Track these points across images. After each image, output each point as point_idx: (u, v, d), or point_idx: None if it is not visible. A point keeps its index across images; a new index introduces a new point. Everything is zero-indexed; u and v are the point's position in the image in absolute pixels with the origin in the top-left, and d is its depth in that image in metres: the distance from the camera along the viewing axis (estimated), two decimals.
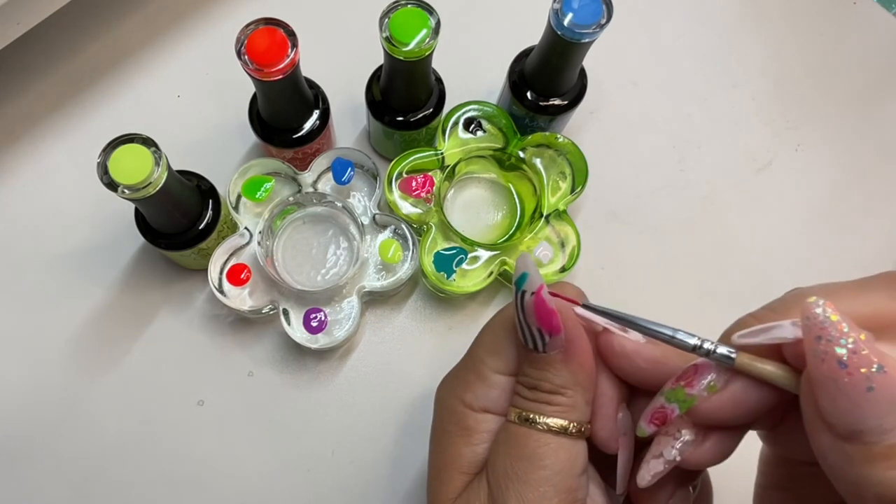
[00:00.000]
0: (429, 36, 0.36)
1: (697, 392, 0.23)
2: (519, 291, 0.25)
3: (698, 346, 0.22)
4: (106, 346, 0.44)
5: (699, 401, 0.22)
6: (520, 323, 0.25)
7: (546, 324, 0.24)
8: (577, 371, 0.25)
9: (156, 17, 0.50)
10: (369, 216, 0.43)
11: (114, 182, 0.33)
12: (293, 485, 0.42)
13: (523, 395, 0.26)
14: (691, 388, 0.23)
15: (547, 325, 0.24)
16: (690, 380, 0.23)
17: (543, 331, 0.25)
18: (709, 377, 0.23)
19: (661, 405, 0.23)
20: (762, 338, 0.21)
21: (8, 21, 0.39)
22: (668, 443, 0.23)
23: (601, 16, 0.36)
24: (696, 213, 0.49)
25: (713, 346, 0.22)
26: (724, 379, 0.22)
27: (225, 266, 0.41)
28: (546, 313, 0.24)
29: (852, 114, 0.52)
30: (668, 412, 0.23)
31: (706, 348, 0.22)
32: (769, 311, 0.22)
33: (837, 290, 0.21)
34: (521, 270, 0.25)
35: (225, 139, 0.48)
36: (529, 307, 0.24)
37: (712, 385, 0.22)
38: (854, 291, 0.21)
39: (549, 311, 0.24)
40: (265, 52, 0.35)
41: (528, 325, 0.25)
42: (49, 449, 0.42)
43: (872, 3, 0.55)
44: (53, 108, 0.48)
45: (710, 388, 0.22)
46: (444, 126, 0.44)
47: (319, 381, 0.44)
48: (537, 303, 0.24)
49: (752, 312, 0.23)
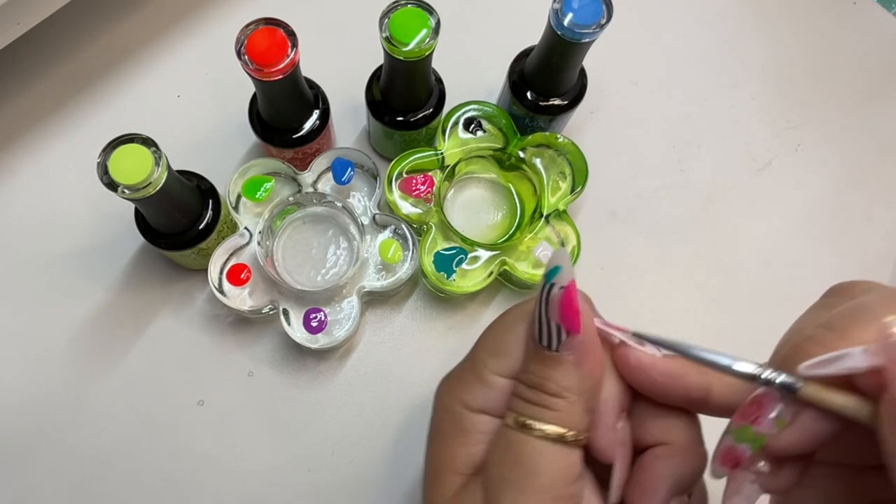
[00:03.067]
0: (429, 36, 0.36)
1: (766, 430, 0.22)
2: (547, 284, 0.24)
3: (758, 375, 0.21)
4: (106, 346, 0.44)
5: (769, 438, 0.22)
6: (539, 317, 0.25)
7: (568, 321, 0.24)
8: (586, 377, 0.25)
9: (156, 17, 0.50)
10: (369, 216, 0.43)
11: (114, 182, 0.33)
12: (293, 485, 0.42)
13: (523, 396, 0.25)
14: (759, 426, 0.22)
15: (568, 323, 0.24)
16: (756, 416, 0.22)
17: (563, 328, 0.24)
18: (775, 411, 0.21)
19: (731, 445, 0.22)
20: (832, 369, 0.20)
21: (8, 21, 0.39)
22: (745, 477, 0.23)
23: (601, 16, 0.36)
24: (696, 213, 0.49)
25: (775, 374, 0.21)
26: (792, 411, 0.21)
27: (225, 266, 0.41)
28: (572, 310, 0.24)
29: (852, 114, 0.52)
30: (740, 454, 0.22)
31: (767, 377, 0.21)
32: (829, 332, 0.21)
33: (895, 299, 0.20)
34: (556, 263, 0.24)
35: (225, 139, 0.48)
36: (555, 301, 0.24)
37: (781, 420, 0.21)
38: None
39: (574, 309, 0.24)
40: (265, 52, 0.35)
41: (548, 320, 0.24)
42: (49, 449, 0.42)
43: (872, 3, 0.55)
44: (53, 108, 0.48)
45: (779, 423, 0.21)
46: (444, 126, 0.44)
47: (319, 381, 0.44)
48: (565, 298, 0.24)
49: (812, 335, 0.21)
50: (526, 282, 0.43)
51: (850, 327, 0.20)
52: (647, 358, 0.25)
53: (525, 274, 0.42)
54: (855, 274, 0.48)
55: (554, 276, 0.24)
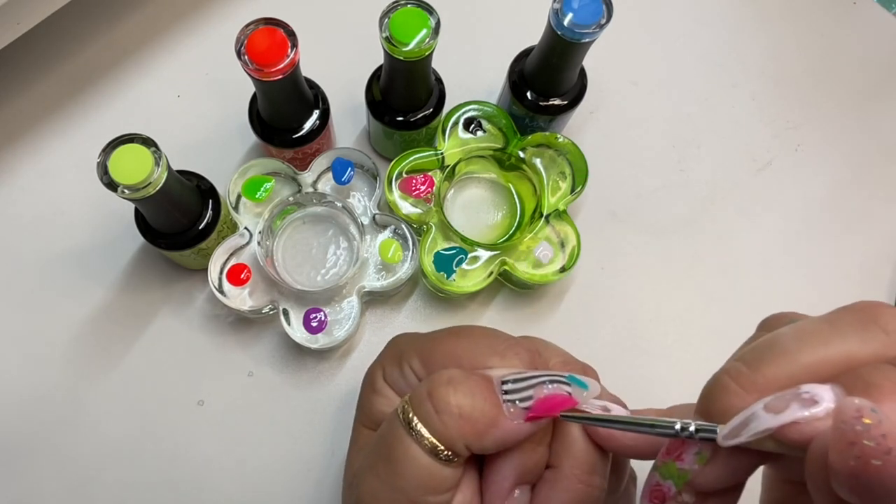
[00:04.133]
0: (429, 36, 0.36)
1: (689, 466, 0.22)
2: (564, 377, 0.25)
3: (680, 430, 0.22)
4: (106, 346, 0.44)
5: (692, 475, 0.22)
6: (525, 378, 0.25)
7: (539, 410, 0.24)
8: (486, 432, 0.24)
9: (156, 17, 0.50)
10: (369, 216, 0.43)
11: (114, 182, 0.33)
12: (293, 485, 0.42)
13: (426, 389, 0.25)
14: (682, 463, 0.23)
15: (536, 411, 0.24)
16: (679, 452, 0.23)
17: (530, 405, 0.24)
18: (695, 448, 0.22)
19: (657, 482, 0.23)
20: (745, 437, 0.20)
21: (8, 21, 0.39)
22: None
23: (601, 16, 0.36)
24: (696, 213, 0.49)
25: (694, 427, 0.22)
26: (711, 447, 0.22)
27: (225, 266, 0.41)
28: (546, 410, 0.24)
29: (852, 114, 0.52)
30: (666, 490, 0.23)
31: (689, 431, 0.22)
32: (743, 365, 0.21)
33: (807, 336, 0.21)
34: (591, 386, 0.25)
35: (225, 139, 0.48)
36: (550, 394, 0.24)
37: (702, 456, 0.22)
38: (825, 338, 0.20)
39: (548, 412, 0.24)
40: (265, 52, 0.35)
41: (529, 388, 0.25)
42: (49, 449, 0.42)
43: (872, 3, 0.55)
44: (53, 108, 0.48)
45: (700, 459, 0.22)
46: (444, 126, 0.44)
47: (319, 381, 0.44)
48: (556, 403, 0.24)
49: (727, 368, 0.22)
50: (526, 282, 0.43)
51: (761, 362, 0.21)
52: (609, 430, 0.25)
53: (525, 274, 0.42)
54: (854, 274, 0.49)
55: (577, 384, 0.25)
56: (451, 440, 0.24)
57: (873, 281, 0.48)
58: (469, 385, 0.24)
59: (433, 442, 0.24)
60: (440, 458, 0.24)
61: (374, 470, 0.25)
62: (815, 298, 0.47)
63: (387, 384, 0.29)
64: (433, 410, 0.24)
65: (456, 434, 0.24)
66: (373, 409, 0.29)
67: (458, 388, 0.24)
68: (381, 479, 0.25)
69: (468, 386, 0.24)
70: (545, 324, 0.46)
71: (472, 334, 0.28)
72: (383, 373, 0.29)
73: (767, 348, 0.21)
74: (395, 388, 0.29)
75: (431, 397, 0.24)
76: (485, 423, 0.24)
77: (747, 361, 0.21)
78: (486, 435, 0.24)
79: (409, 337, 0.30)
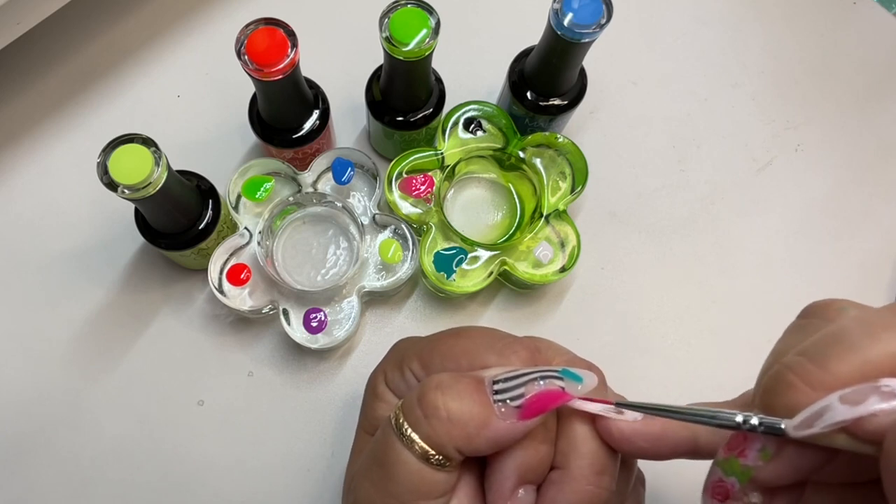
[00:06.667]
0: (429, 36, 0.36)
1: (752, 462, 0.22)
2: (558, 371, 0.24)
3: (742, 422, 0.21)
4: (106, 346, 0.44)
5: (756, 471, 0.22)
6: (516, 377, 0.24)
7: (530, 409, 0.24)
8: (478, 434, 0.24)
9: (156, 17, 0.50)
10: (369, 216, 0.43)
11: (114, 182, 0.33)
12: (293, 485, 0.42)
13: (416, 397, 0.25)
14: (745, 459, 0.22)
15: (528, 410, 0.24)
16: (742, 448, 0.22)
17: (522, 403, 0.24)
18: (759, 444, 0.22)
19: (720, 478, 0.22)
20: (817, 428, 0.19)
21: (8, 21, 0.39)
22: None
23: (601, 16, 0.36)
24: (696, 213, 0.49)
25: (757, 420, 0.21)
26: (776, 443, 0.21)
27: (225, 266, 0.41)
28: (541, 407, 0.24)
29: (852, 114, 0.52)
30: (729, 486, 0.22)
31: (751, 423, 0.21)
32: (808, 362, 0.20)
33: (877, 330, 0.19)
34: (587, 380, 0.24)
35: (225, 139, 0.48)
36: (543, 389, 0.24)
37: (765, 452, 0.21)
38: (893, 326, 0.19)
39: (543, 409, 0.24)
40: (265, 52, 0.35)
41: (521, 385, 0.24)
42: (49, 449, 0.42)
43: (872, 3, 0.55)
44: (53, 108, 0.48)
45: (764, 455, 0.21)
46: (444, 126, 0.44)
47: (319, 381, 0.44)
48: (551, 398, 0.24)
49: (791, 364, 0.20)
50: (526, 282, 0.43)
51: (829, 358, 0.20)
52: (627, 427, 0.25)
53: (525, 274, 0.42)
54: (854, 273, 0.49)
55: (570, 378, 0.24)
56: (441, 445, 0.24)
57: (873, 281, 0.48)
58: (458, 388, 0.24)
59: (424, 447, 0.24)
60: (432, 463, 0.24)
61: (368, 475, 0.25)
62: (815, 298, 0.47)
63: (388, 389, 0.29)
64: (422, 416, 0.24)
65: (445, 438, 0.24)
66: (374, 413, 0.29)
67: (447, 391, 0.24)
68: (375, 484, 0.25)
69: (457, 389, 0.24)
70: (545, 324, 0.46)
71: (471, 334, 0.28)
72: (385, 377, 0.29)
73: (834, 343, 0.20)
74: (396, 392, 0.29)
75: (421, 402, 0.24)
76: (475, 426, 0.24)
77: (812, 357, 0.20)
78: (477, 437, 0.24)
79: (411, 341, 0.30)
